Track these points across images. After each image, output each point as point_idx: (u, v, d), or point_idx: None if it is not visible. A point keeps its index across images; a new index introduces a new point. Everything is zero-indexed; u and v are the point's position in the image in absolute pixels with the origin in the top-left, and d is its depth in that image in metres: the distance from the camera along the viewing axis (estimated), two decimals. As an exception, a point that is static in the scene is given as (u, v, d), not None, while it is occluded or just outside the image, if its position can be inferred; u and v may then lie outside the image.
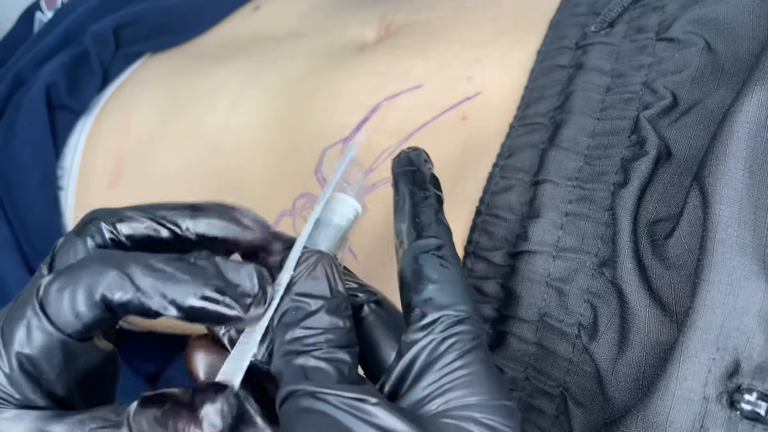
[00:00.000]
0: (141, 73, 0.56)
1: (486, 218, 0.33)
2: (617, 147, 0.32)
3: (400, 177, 0.26)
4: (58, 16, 0.62)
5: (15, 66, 0.57)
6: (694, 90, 0.32)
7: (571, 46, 0.37)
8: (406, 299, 0.24)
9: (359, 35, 0.47)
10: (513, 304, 0.31)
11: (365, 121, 0.40)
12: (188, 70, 0.53)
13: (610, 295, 0.29)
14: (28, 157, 0.51)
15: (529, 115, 0.36)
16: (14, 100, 0.54)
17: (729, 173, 0.27)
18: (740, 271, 0.26)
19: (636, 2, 0.37)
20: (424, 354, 0.22)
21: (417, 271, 0.23)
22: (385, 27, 0.46)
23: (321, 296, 0.23)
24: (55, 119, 0.53)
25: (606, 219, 0.31)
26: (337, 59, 0.45)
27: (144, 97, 0.53)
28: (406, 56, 0.42)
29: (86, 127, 0.54)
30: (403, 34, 0.44)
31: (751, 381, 0.25)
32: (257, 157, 0.45)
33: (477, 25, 0.42)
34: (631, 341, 0.28)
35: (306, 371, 0.22)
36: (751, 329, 0.25)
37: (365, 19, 0.48)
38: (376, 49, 0.44)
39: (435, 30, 0.43)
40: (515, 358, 0.31)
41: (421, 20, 0.45)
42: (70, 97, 0.53)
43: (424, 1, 0.46)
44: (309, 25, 0.52)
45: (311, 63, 0.47)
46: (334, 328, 0.23)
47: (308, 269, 0.24)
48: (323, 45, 0.48)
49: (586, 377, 0.29)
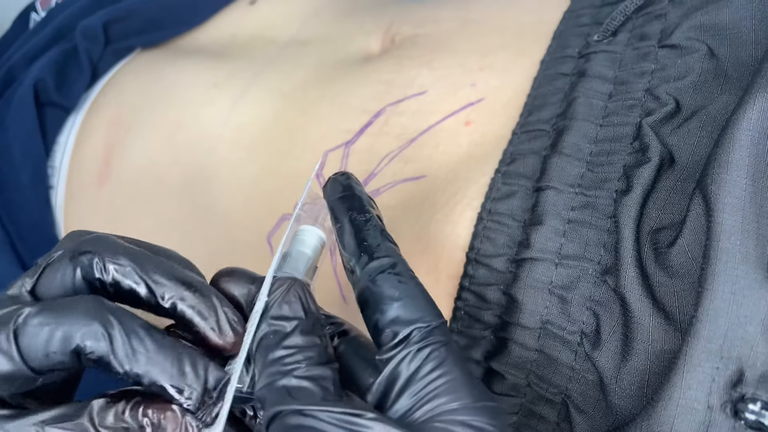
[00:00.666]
0: (131, 68, 0.55)
1: (488, 224, 0.33)
2: (620, 153, 0.32)
3: (336, 204, 0.27)
4: (51, 14, 0.61)
5: (7, 63, 0.57)
6: (696, 96, 0.33)
7: (574, 54, 0.38)
8: (372, 322, 0.24)
9: (364, 46, 0.47)
10: (515, 311, 0.31)
11: (368, 126, 0.40)
12: (183, 64, 0.52)
13: (613, 303, 0.29)
14: (18, 153, 0.51)
15: (532, 122, 0.36)
16: (5, 97, 0.54)
17: (732, 181, 0.27)
18: (744, 280, 0.26)
19: (638, 11, 0.37)
20: (403, 367, 0.23)
21: (377, 293, 0.24)
22: (390, 38, 0.46)
23: (296, 317, 0.24)
24: (45, 116, 0.53)
25: (608, 226, 0.31)
26: (341, 68, 0.45)
27: (135, 91, 0.52)
28: (411, 66, 0.42)
29: (76, 124, 0.53)
30: (409, 46, 0.44)
31: (755, 390, 0.25)
32: (256, 156, 0.44)
33: (482, 36, 0.42)
34: (634, 350, 0.28)
35: (289, 391, 0.22)
36: (754, 338, 0.25)
37: (370, 31, 0.48)
38: (381, 59, 0.44)
39: (440, 41, 0.43)
40: (517, 364, 0.31)
41: (426, 32, 0.45)
42: (59, 94, 0.53)
43: (429, 14, 0.46)
44: (312, 32, 0.51)
45: (316, 71, 0.47)
46: (311, 345, 0.23)
47: (281, 294, 0.25)
48: (328, 54, 0.48)
49: (589, 385, 0.29)
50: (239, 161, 0.45)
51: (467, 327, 0.33)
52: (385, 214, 0.37)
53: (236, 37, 0.55)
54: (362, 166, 0.40)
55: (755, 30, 0.33)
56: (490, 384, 0.32)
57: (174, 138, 0.48)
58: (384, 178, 0.39)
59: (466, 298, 0.33)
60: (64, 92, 0.53)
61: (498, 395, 0.32)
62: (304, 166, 0.42)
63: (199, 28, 0.58)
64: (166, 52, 0.56)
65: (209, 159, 0.46)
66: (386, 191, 0.39)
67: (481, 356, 0.32)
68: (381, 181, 0.39)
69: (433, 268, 0.35)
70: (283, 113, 0.45)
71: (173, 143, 0.47)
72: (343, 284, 0.39)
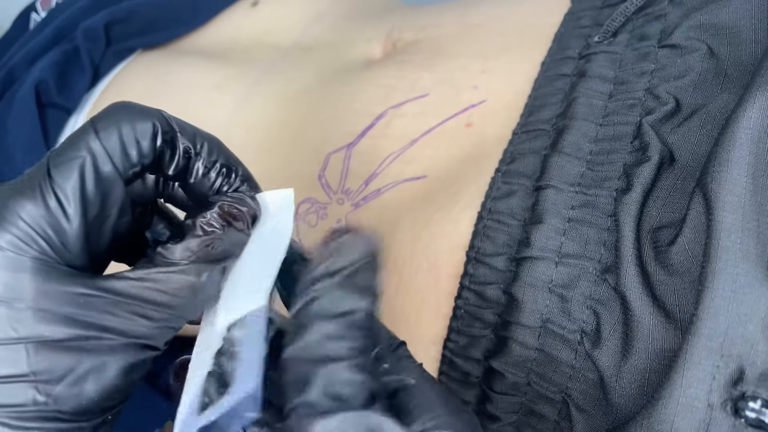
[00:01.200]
0: (133, 69, 0.55)
1: (488, 223, 0.33)
2: (620, 152, 0.32)
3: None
4: (51, 15, 0.61)
5: (8, 64, 0.57)
6: (696, 95, 0.33)
7: (574, 56, 0.38)
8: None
9: (366, 51, 0.47)
10: (515, 309, 0.31)
11: (370, 128, 0.40)
12: (185, 65, 0.52)
13: (613, 301, 0.29)
14: (20, 155, 0.51)
15: (532, 122, 0.36)
16: (6, 98, 0.54)
17: (732, 180, 0.27)
18: (744, 278, 0.26)
19: (639, 11, 0.37)
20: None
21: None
22: (391, 44, 0.47)
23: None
24: (46, 117, 0.53)
25: (609, 225, 0.31)
26: (344, 74, 0.46)
27: (136, 92, 0.52)
28: (412, 70, 0.42)
29: (77, 125, 0.53)
30: (411, 51, 0.44)
31: (756, 388, 0.25)
32: (259, 159, 0.45)
33: (483, 40, 0.42)
34: (635, 348, 0.28)
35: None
36: (755, 336, 0.25)
37: (372, 36, 0.48)
38: (382, 64, 0.44)
39: (442, 46, 0.43)
40: (517, 363, 0.31)
41: (427, 37, 0.45)
42: (60, 95, 0.53)
43: (430, 19, 0.46)
44: (314, 37, 0.52)
45: (319, 76, 0.47)
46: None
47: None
48: (330, 60, 0.48)
49: (589, 383, 0.29)
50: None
51: (467, 326, 0.33)
52: (386, 214, 0.38)
53: (238, 39, 0.55)
54: (364, 166, 0.40)
55: (755, 29, 0.33)
56: (490, 383, 0.32)
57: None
58: (385, 178, 0.39)
59: (467, 296, 0.33)
60: (66, 93, 0.53)
61: (498, 394, 0.32)
62: (307, 168, 0.42)
63: (201, 30, 0.58)
64: (167, 53, 0.56)
65: None
66: (387, 191, 0.39)
67: (481, 355, 0.33)
68: (382, 181, 0.39)
69: (434, 266, 0.35)
70: (286, 118, 0.45)
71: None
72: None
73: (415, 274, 0.35)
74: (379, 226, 0.38)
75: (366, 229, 0.23)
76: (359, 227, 0.24)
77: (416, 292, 0.35)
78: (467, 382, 0.33)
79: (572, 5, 0.41)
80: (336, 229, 0.23)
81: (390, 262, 0.36)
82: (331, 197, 0.41)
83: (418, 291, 0.35)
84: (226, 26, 0.57)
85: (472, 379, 0.33)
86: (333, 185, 0.41)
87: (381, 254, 0.23)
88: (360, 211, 0.39)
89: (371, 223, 0.38)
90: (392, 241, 0.36)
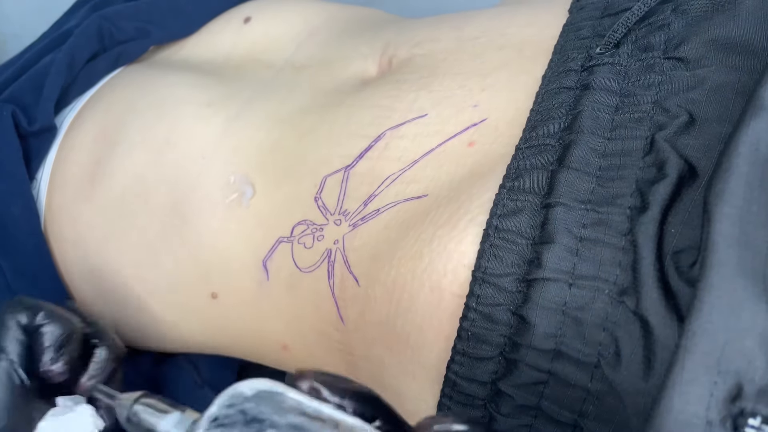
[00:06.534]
0: (118, 81, 0.53)
1: (495, 242, 0.32)
2: (630, 168, 0.32)
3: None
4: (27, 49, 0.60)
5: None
6: (711, 107, 0.32)
7: (576, 68, 0.37)
8: None
9: (361, 70, 0.46)
10: (526, 332, 0.30)
11: (368, 150, 0.39)
12: (174, 79, 0.51)
13: (632, 324, 0.28)
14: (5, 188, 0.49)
15: (536, 137, 0.35)
16: None
17: (730, 191, 0.26)
18: (741, 293, 0.25)
19: (641, 22, 0.37)
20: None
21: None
22: (387, 61, 0.46)
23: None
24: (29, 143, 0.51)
25: (623, 244, 0.30)
26: (339, 94, 0.44)
27: (122, 105, 0.50)
28: (409, 90, 0.41)
29: (58, 139, 0.51)
30: (407, 69, 0.43)
31: (755, 405, 0.24)
32: (250, 179, 0.43)
33: (482, 56, 0.41)
34: (657, 371, 0.27)
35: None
36: (752, 352, 0.25)
37: (367, 54, 0.47)
38: (378, 84, 0.43)
39: (439, 62, 0.42)
40: (527, 386, 0.30)
41: (423, 53, 0.44)
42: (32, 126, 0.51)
43: (425, 34, 0.45)
44: (308, 56, 0.51)
45: (313, 97, 0.46)
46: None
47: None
48: (325, 80, 0.47)
49: (606, 406, 0.28)
50: (232, 183, 0.44)
51: (473, 348, 0.32)
52: (386, 234, 0.37)
53: (230, 56, 0.54)
54: (362, 187, 0.39)
55: (765, 39, 0.33)
56: (497, 405, 0.31)
57: (163, 155, 0.46)
58: (385, 198, 0.38)
59: (473, 318, 0.32)
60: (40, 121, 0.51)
61: (505, 417, 0.31)
62: (301, 190, 0.41)
63: (190, 45, 0.57)
64: (155, 66, 0.55)
65: (200, 179, 0.44)
66: (386, 211, 0.38)
67: (488, 377, 0.32)
68: (382, 201, 0.38)
69: (437, 286, 0.34)
70: (279, 138, 0.44)
71: (162, 161, 0.46)
72: (340, 305, 0.38)
73: (416, 294, 0.34)
74: (378, 245, 0.37)
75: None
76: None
77: (418, 313, 0.34)
78: (472, 405, 0.32)
79: (570, 16, 0.41)
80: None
81: (390, 282, 0.35)
82: (328, 218, 0.39)
83: (420, 311, 0.34)
84: (217, 43, 0.56)
85: (477, 402, 0.32)
86: (330, 206, 0.40)
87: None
88: (358, 231, 0.38)
89: (370, 243, 0.37)
90: (392, 260, 0.35)
